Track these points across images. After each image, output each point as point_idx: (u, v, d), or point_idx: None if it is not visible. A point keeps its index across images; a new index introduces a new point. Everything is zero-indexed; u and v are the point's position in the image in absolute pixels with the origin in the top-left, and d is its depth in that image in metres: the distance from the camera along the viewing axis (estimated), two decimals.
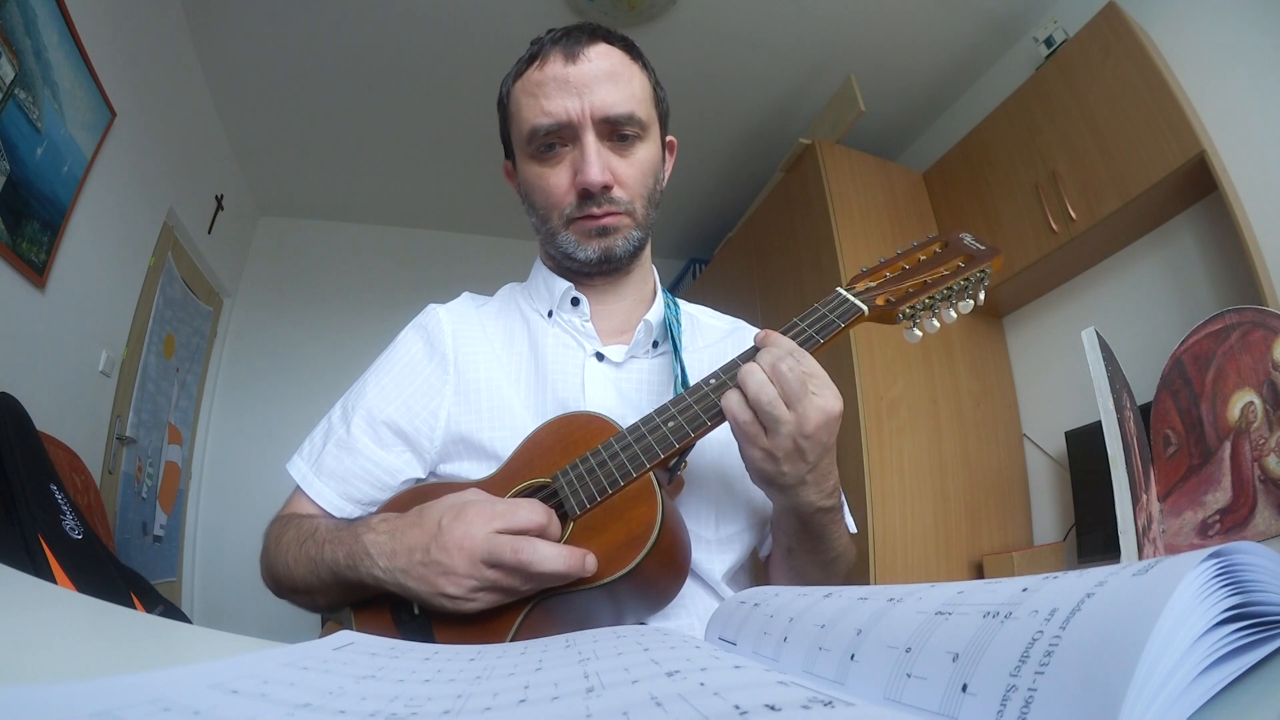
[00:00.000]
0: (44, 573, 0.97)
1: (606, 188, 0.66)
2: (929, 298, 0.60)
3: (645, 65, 0.71)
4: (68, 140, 1.63)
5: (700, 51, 2.30)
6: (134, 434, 2.16)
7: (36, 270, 1.54)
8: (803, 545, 0.60)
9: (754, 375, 0.51)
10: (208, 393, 2.82)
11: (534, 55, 0.67)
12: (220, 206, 2.69)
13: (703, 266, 3.28)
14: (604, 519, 0.53)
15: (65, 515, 1.11)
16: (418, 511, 0.54)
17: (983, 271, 0.62)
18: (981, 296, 0.63)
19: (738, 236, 2.79)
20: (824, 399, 0.51)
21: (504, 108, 0.72)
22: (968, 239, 0.65)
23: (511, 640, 0.50)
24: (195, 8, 2.11)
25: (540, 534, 0.51)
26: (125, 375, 2.08)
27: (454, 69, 2.38)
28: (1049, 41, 2.00)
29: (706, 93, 2.52)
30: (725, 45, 2.31)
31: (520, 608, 0.51)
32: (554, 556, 0.49)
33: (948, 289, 0.61)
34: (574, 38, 0.66)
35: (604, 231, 0.67)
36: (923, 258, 0.64)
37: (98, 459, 1.88)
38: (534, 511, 0.51)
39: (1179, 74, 1.63)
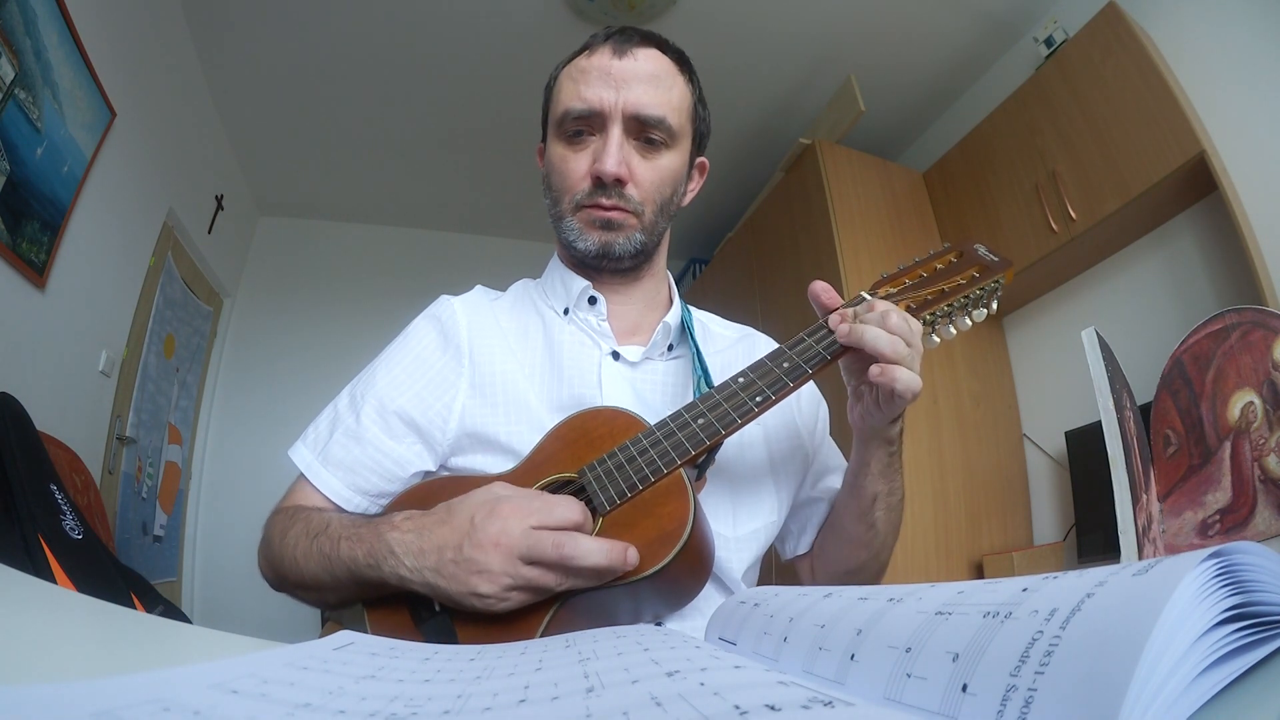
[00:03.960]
0: (44, 573, 0.97)
1: (620, 181, 0.66)
2: (947, 305, 0.62)
3: (692, 79, 0.73)
4: (68, 140, 1.62)
5: (700, 51, 2.25)
6: (134, 434, 2.16)
7: (36, 270, 1.54)
8: (887, 483, 0.66)
9: (888, 313, 0.58)
10: (208, 393, 2.82)
11: (587, 45, 0.70)
12: (220, 206, 2.69)
13: (703, 266, 3.28)
14: (634, 515, 0.52)
15: (65, 515, 1.11)
16: (445, 508, 0.52)
17: (996, 282, 0.64)
18: (995, 306, 0.65)
19: (738, 236, 2.79)
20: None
21: (548, 90, 0.74)
22: (981, 250, 0.66)
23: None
24: (195, 8, 2.11)
25: (577, 531, 0.50)
26: (125, 375, 2.08)
27: (453, 69, 2.38)
28: (1049, 41, 2.00)
29: (706, 93, 2.47)
30: (725, 45, 2.31)
31: (547, 607, 0.50)
32: (596, 550, 0.48)
33: (964, 298, 0.62)
34: (627, 35, 0.69)
35: (608, 225, 0.67)
36: (939, 266, 0.65)
37: (98, 459, 1.88)
38: (571, 509, 0.50)
39: (1179, 74, 1.63)
